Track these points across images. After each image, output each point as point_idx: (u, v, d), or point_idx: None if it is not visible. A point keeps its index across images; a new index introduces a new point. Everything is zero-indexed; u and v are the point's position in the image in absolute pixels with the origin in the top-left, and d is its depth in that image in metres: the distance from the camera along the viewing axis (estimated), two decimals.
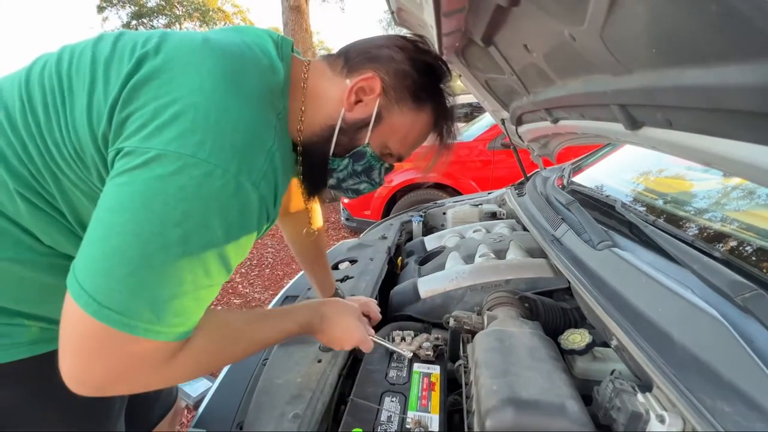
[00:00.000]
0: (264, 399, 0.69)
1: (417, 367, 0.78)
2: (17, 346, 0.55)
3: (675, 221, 0.91)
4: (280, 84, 0.55)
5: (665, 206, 1.04)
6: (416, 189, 3.59)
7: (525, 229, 1.33)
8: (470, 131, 3.79)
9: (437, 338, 0.84)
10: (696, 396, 0.47)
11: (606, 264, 0.78)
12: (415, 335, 0.85)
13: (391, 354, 0.82)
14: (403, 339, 0.84)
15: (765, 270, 0.62)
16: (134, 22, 17.96)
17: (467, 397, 0.67)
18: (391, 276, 1.32)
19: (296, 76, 0.60)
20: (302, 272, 1.21)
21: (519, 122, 1.34)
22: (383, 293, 1.15)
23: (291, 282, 1.35)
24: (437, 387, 0.73)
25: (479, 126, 3.79)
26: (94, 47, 0.50)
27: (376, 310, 0.93)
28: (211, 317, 0.51)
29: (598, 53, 0.57)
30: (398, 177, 3.48)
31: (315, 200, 0.73)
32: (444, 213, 1.83)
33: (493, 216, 1.69)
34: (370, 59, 0.61)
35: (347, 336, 0.71)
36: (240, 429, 0.69)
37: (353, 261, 1.31)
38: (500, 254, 1.19)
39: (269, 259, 3.69)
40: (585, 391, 0.64)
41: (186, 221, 0.42)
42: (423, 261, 1.37)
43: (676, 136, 0.57)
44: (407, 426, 0.64)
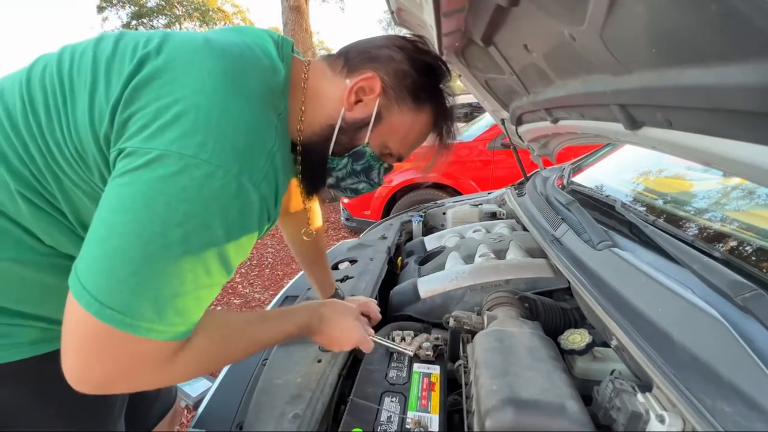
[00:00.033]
0: (264, 399, 0.69)
1: (417, 367, 0.78)
2: (18, 346, 0.55)
3: (675, 221, 0.91)
4: (281, 84, 0.55)
5: (665, 206, 1.04)
6: (416, 189, 3.59)
7: (525, 229, 1.33)
8: (470, 131, 3.79)
9: (437, 338, 0.84)
10: (696, 396, 0.47)
11: (606, 264, 0.78)
12: (415, 335, 0.85)
13: (391, 354, 0.82)
14: (403, 339, 0.83)
15: (765, 270, 0.62)
16: (134, 22, 17.97)
17: (467, 397, 0.67)
18: (391, 276, 1.32)
19: (296, 77, 0.60)
20: (302, 272, 1.21)
21: (519, 122, 1.34)
22: (383, 293, 1.15)
23: (291, 282, 1.35)
24: (437, 387, 0.73)
25: (479, 126, 3.79)
26: (95, 47, 0.50)
27: (376, 310, 0.93)
28: (212, 317, 0.51)
29: (598, 53, 0.57)
30: (398, 177, 3.48)
31: (314, 200, 0.73)
32: (444, 213, 1.82)
33: (493, 216, 1.69)
34: (370, 59, 0.61)
35: (346, 337, 0.71)
36: (240, 429, 0.69)
37: (353, 261, 1.31)
38: (500, 254, 1.19)
39: (269, 259, 3.69)
40: (585, 391, 0.63)
41: (187, 222, 0.42)
42: (423, 261, 1.37)
43: (676, 136, 0.57)
44: (407, 426, 0.64)
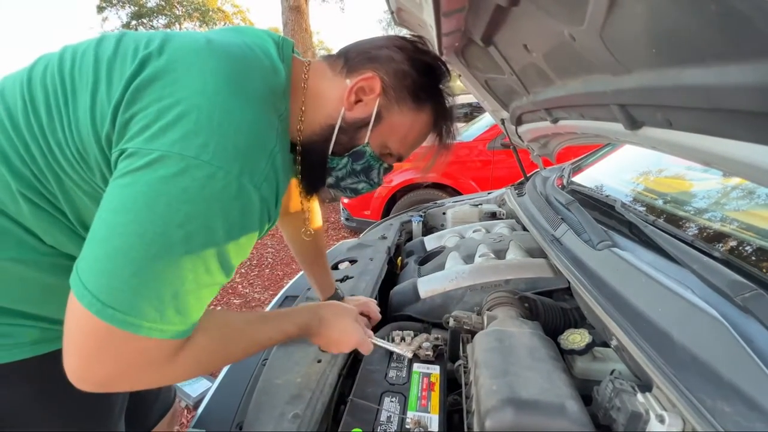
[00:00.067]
0: (264, 399, 0.69)
1: (417, 367, 0.78)
2: (20, 346, 0.55)
3: (675, 221, 0.91)
4: (282, 85, 0.55)
5: (665, 206, 1.04)
6: (416, 189, 3.59)
7: (525, 229, 1.33)
8: (470, 131, 3.79)
9: (437, 338, 0.84)
10: (696, 396, 0.47)
11: (606, 264, 0.78)
12: (415, 335, 0.85)
13: (391, 354, 0.82)
14: (403, 339, 0.83)
15: (765, 270, 0.62)
16: (134, 23, 17.97)
17: (467, 397, 0.67)
18: (391, 276, 1.32)
19: (297, 77, 0.60)
20: (302, 272, 1.21)
21: (519, 122, 1.34)
22: (383, 293, 1.15)
23: (291, 282, 1.35)
24: (437, 387, 0.73)
25: (479, 126, 3.79)
26: (97, 48, 0.50)
27: (376, 310, 0.93)
28: (212, 317, 0.51)
29: (598, 53, 0.57)
30: (398, 177, 3.48)
31: (313, 199, 0.73)
32: (444, 213, 1.82)
33: (493, 216, 1.69)
34: (370, 59, 0.61)
35: (345, 338, 0.71)
36: (240, 429, 0.69)
37: (353, 261, 1.31)
38: (500, 254, 1.19)
39: (269, 259, 3.69)
40: (585, 391, 0.63)
41: (189, 222, 0.42)
42: (423, 261, 1.37)
43: (676, 136, 0.57)
44: (407, 426, 0.64)
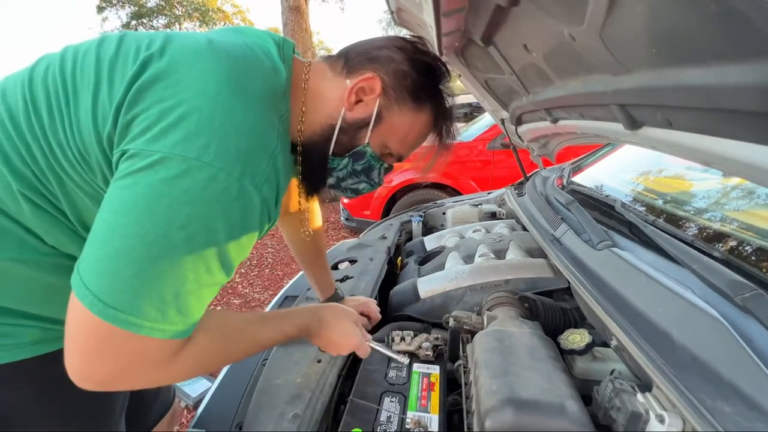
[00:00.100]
0: (263, 399, 0.69)
1: (416, 367, 0.78)
2: (21, 346, 0.55)
3: (675, 221, 0.91)
4: (283, 86, 0.55)
5: (665, 206, 1.04)
6: (416, 189, 3.59)
7: (525, 229, 1.33)
8: (470, 131, 3.79)
9: (437, 338, 0.84)
10: (696, 396, 0.47)
11: (606, 264, 0.78)
12: (415, 335, 0.85)
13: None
14: (403, 339, 0.83)
15: (765, 270, 0.62)
16: (134, 23, 17.94)
17: (467, 397, 0.67)
18: (391, 276, 1.32)
19: (297, 78, 0.60)
20: (302, 272, 1.21)
21: (518, 122, 1.34)
22: (383, 293, 1.15)
23: (290, 282, 1.35)
24: (437, 387, 0.73)
25: (479, 126, 3.79)
26: (98, 48, 0.50)
27: (376, 310, 0.93)
28: (212, 317, 0.51)
29: (598, 53, 0.57)
30: (398, 177, 3.48)
31: (313, 200, 0.73)
32: (444, 213, 1.82)
33: (493, 216, 1.69)
34: (370, 60, 0.61)
35: (344, 341, 0.71)
36: (239, 429, 0.69)
37: (353, 261, 1.31)
38: (500, 254, 1.19)
39: (269, 260, 3.69)
40: (585, 391, 0.63)
41: (190, 224, 0.42)
42: (423, 261, 1.37)
43: (676, 136, 0.57)
44: (407, 426, 0.64)
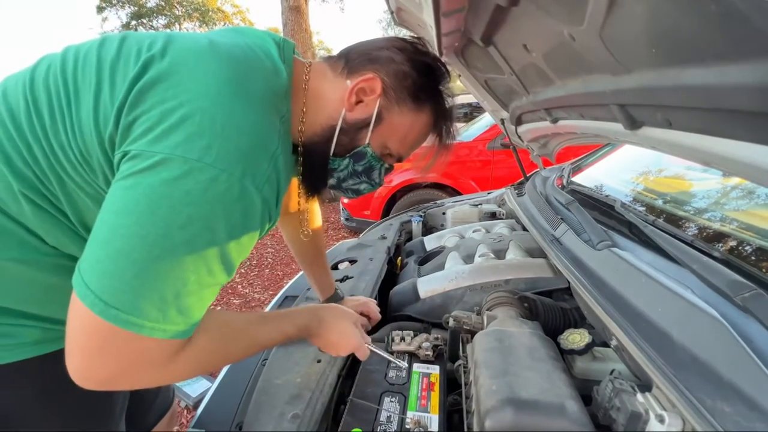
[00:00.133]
0: (263, 399, 0.69)
1: (416, 367, 0.78)
2: (22, 347, 0.56)
3: (674, 221, 0.91)
4: (284, 87, 0.56)
5: (665, 206, 1.04)
6: (416, 189, 3.59)
7: (524, 229, 1.33)
8: (470, 131, 3.79)
9: (437, 338, 0.84)
10: (696, 396, 0.47)
11: (605, 264, 0.78)
12: (415, 335, 0.85)
13: (391, 353, 0.82)
14: (403, 339, 0.83)
15: (764, 270, 0.62)
16: (134, 23, 17.93)
17: (467, 397, 0.67)
18: (391, 276, 1.32)
19: (298, 78, 0.60)
20: (301, 272, 1.21)
21: (518, 122, 1.34)
22: (383, 293, 1.15)
23: (290, 282, 1.35)
24: (437, 387, 0.73)
25: (479, 126, 3.79)
26: (99, 49, 0.50)
27: (376, 310, 0.93)
28: (212, 317, 0.51)
29: (598, 53, 0.57)
30: (398, 177, 3.48)
31: (313, 200, 0.73)
32: (444, 213, 1.82)
33: (493, 216, 1.69)
34: (371, 60, 0.61)
35: (344, 341, 0.71)
36: (239, 429, 0.69)
37: (353, 261, 1.31)
38: (500, 254, 1.19)
39: (269, 260, 3.69)
40: (585, 391, 0.63)
41: (191, 224, 0.42)
42: (422, 261, 1.37)
43: (676, 136, 0.57)
44: (407, 426, 0.64)
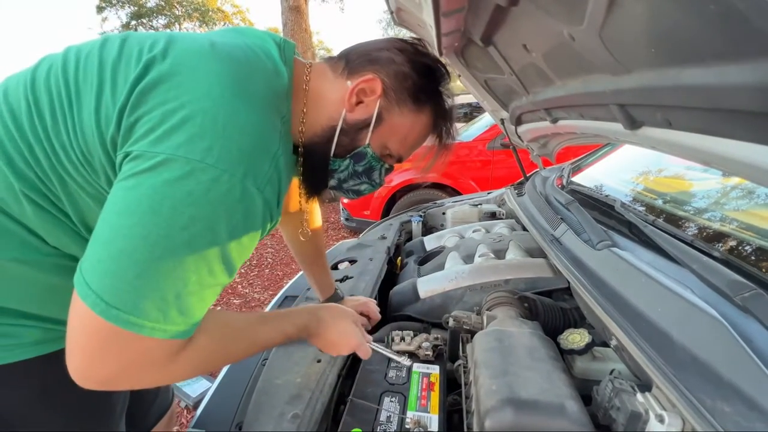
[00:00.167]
0: (263, 399, 0.69)
1: (416, 367, 0.78)
2: (22, 347, 0.56)
3: (674, 221, 0.91)
4: (285, 87, 0.56)
5: (665, 206, 1.04)
6: (416, 189, 3.59)
7: (524, 229, 1.33)
8: (470, 131, 3.79)
9: (437, 338, 0.84)
10: (696, 396, 0.47)
11: (605, 264, 0.78)
12: (415, 335, 0.85)
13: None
14: (403, 339, 0.83)
15: (764, 270, 0.62)
16: (133, 23, 17.93)
17: (467, 397, 0.67)
18: (391, 276, 1.32)
19: (298, 79, 0.60)
20: (301, 272, 1.21)
21: (518, 122, 1.34)
22: (383, 293, 1.15)
23: (290, 282, 1.35)
24: (437, 387, 0.73)
25: (479, 126, 3.79)
26: (101, 50, 0.50)
27: (376, 310, 0.93)
28: (213, 317, 0.52)
29: (597, 53, 0.57)
30: (398, 177, 3.48)
31: (313, 200, 0.74)
32: (443, 213, 1.82)
33: (493, 216, 1.69)
34: (371, 61, 0.61)
35: (344, 341, 0.71)
36: (239, 429, 0.69)
37: (353, 261, 1.30)
38: (500, 254, 1.19)
39: (269, 260, 3.69)
40: (584, 391, 0.63)
41: (193, 225, 0.42)
42: (422, 261, 1.37)
43: (676, 136, 0.57)
44: (407, 426, 0.64)
